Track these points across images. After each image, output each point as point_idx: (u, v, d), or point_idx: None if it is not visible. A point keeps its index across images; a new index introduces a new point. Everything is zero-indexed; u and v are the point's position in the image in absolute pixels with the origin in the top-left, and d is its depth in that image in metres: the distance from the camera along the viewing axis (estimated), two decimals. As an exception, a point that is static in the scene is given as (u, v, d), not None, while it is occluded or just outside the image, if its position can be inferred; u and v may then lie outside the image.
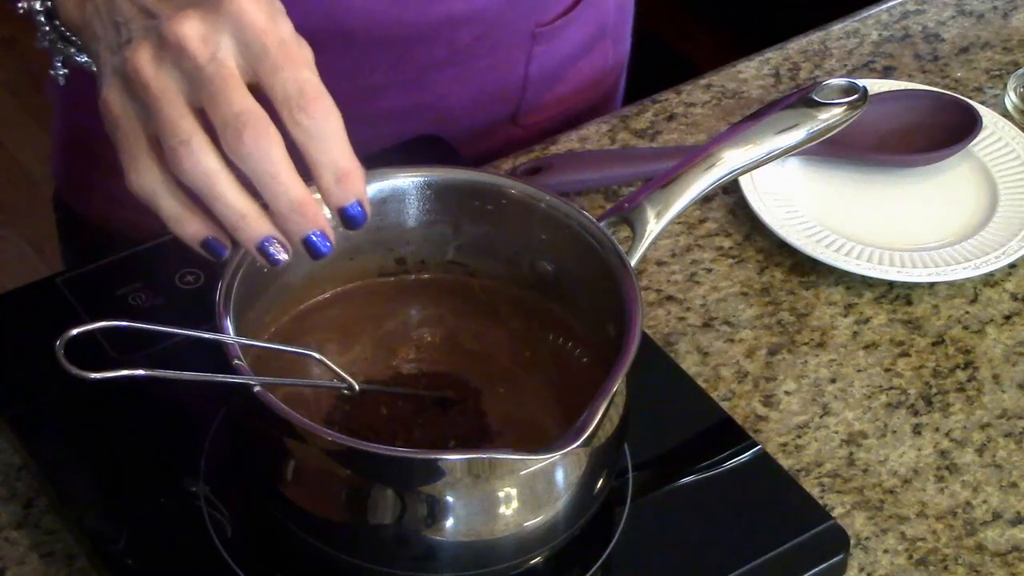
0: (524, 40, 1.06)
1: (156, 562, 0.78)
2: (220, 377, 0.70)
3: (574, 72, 1.12)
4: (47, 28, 0.77)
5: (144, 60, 0.66)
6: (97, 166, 1.08)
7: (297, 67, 0.65)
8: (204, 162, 0.65)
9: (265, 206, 0.66)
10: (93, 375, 0.64)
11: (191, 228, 0.68)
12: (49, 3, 0.76)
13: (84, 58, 0.80)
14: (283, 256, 0.67)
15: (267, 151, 0.64)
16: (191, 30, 0.65)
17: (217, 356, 0.70)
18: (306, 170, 0.66)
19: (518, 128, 1.11)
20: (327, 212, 0.67)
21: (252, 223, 0.66)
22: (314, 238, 0.66)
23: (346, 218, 0.67)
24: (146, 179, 0.67)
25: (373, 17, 0.98)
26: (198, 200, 0.67)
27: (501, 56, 1.06)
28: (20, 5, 0.77)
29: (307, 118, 0.65)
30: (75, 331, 0.66)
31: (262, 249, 0.67)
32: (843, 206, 1.02)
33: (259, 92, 0.66)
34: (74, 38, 0.77)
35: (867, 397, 0.91)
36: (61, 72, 0.80)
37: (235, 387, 0.70)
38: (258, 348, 0.74)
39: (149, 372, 0.66)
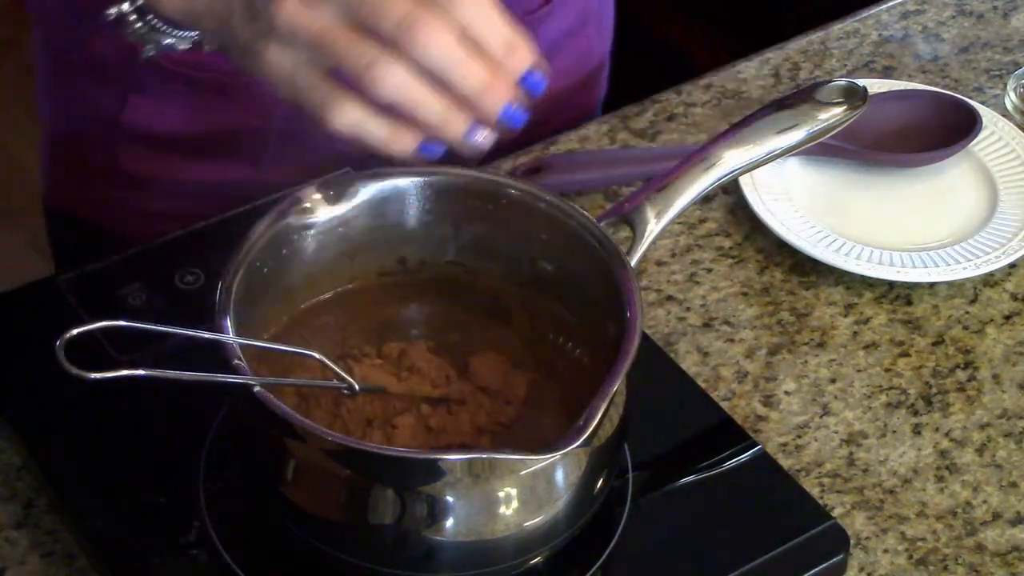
0: None
1: (156, 562, 0.78)
2: (220, 377, 0.70)
3: (557, 60, 1.11)
4: (138, 25, 0.77)
5: (293, 8, 0.67)
6: (84, 168, 1.07)
7: None
8: (397, 74, 0.67)
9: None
10: (93, 375, 0.64)
11: (405, 141, 0.70)
12: (140, 2, 0.76)
13: (172, 40, 0.79)
14: (488, 139, 0.71)
15: (446, 41, 0.67)
16: None
17: (217, 356, 0.70)
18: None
19: None
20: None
21: (455, 117, 0.69)
22: (511, 111, 0.70)
23: (528, 87, 0.70)
24: (349, 115, 0.68)
25: None
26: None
27: None
28: (109, 12, 0.77)
29: (485, 20, 0.68)
30: (75, 331, 0.66)
31: (470, 138, 0.70)
32: (843, 206, 1.02)
33: None
34: (165, 28, 0.77)
35: (867, 397, 0.91)
36: (151, 53, 0.80)
37: (235, 387, 0.70)
38: (258, 348, 0.74)
39: (149, 372, 0.66)
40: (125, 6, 0.77)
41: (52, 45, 1.06)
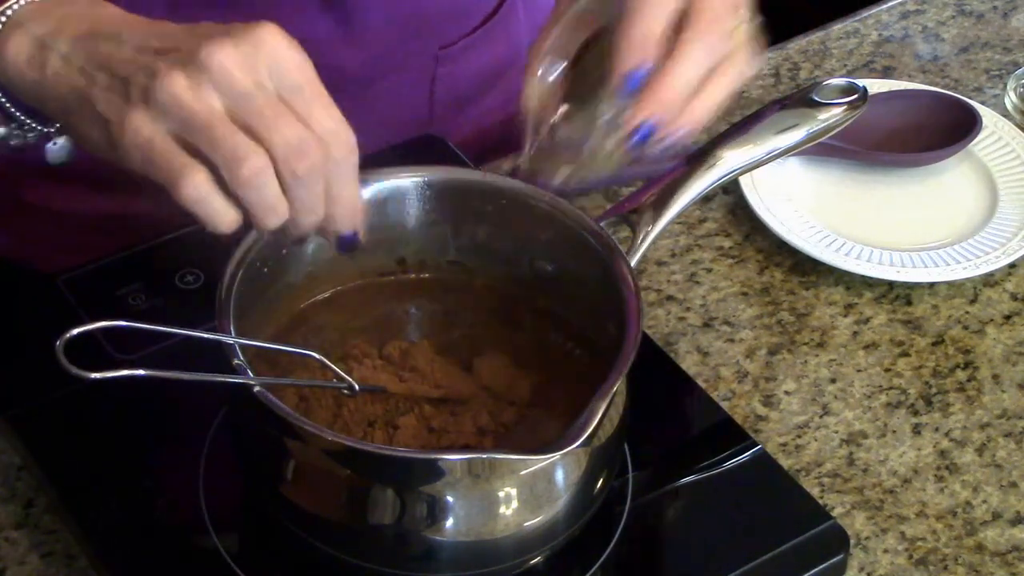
0: (427, 63, 1.05)
1: (156, 562, 0.78)
2: (220, 377, 0.70)
3: (488, 97, 1.11)
4: None
5: (181, 86, 0.66)
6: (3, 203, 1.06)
7: (327, 104, 0.68)
8: (267, 184, 0.67)
9: None
10: (93, 375, 0.64)
11: (226, 220, 0.69)
12: None
13: (19, 135, 0.76)
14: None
15: (330, 196, 0.69)
16: (229, 59, 0.66)
17: (217, 356, 0.70)
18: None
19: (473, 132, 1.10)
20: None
21: (303, 226, 0.70)
22: (349, 236, 0.72)
23: (341, 242, 0.72)
24: (199, 189, 0.67)
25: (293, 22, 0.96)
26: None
27: (403, 78, 1.05)
28: None
29: (337, 153, 0.68)
30: (75, 331, 0.66)
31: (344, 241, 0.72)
32: (843, 206, 1.02)
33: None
34: (10, 107, 0.75)
35: (867, 397, 0.91)
36: None
37: (235, 387, 0.70)
38: (258, 348, 0.74)
39: (149, 372, 0.66)
40: None
41: None
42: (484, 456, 0.71)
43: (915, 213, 1.03)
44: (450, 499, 0.70)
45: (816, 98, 0.83)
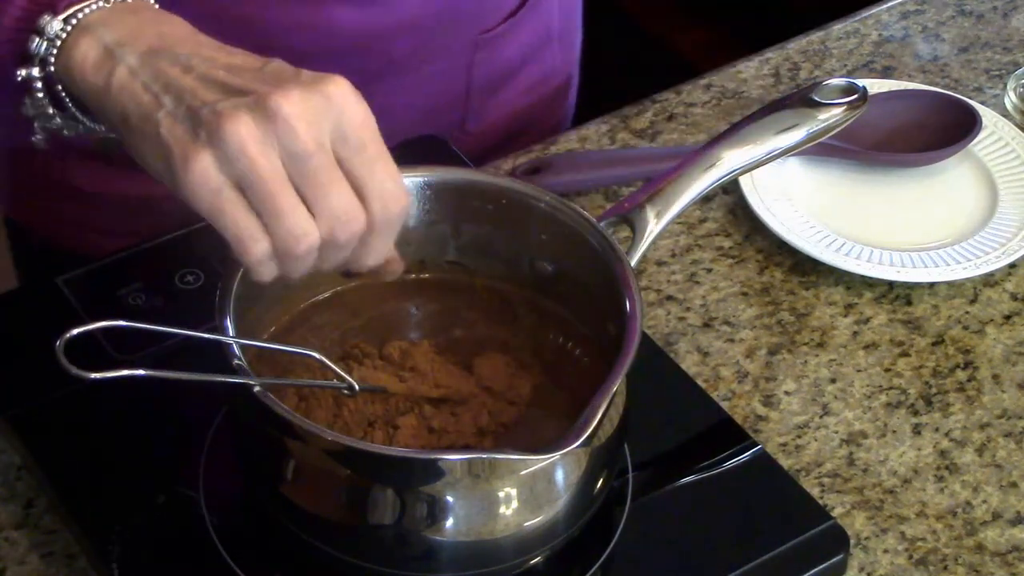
0: (465, 48, 1.05)
1: (156, 562, 0.78)
2: (220, 377, 0.70)
3: (520, 78, 1.11)
4: (40, 95, 0.75)
5: (249, 134, 0.65)
6: (41, 185, 1.07)
7: (387, 163, 0.68)
8: (310, 259, 0.68)
9: None
10: (93, 375, 0.64)
11: (269, 276, 0.70)
12: (51, 69, 0.73)
13: (60, 123, 0.77)
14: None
15: (366, 246, 0.69)
16: (297, 110, 0.66)
17: (217, 356, 0.70)
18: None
19: (468, 136, 1.10)
20: None
21: (324, 268, 0.71)
22: None
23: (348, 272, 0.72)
24: (260, 258, 0.68)
25: (300, 30, 0.96)
26: None
27: (442, 65, 1.05)
28: (19, 72, 0.74)
29: (388, 214, 0.69)
30: (75, 331, 0.66)
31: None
32: (843, 206, 1.02)
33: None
34: (70, 104, 0.75)
35: (867, 397, 0.91)
36: (42, 137, 0.78)
37: (235, 387, 0.70)
38: (258, 347, 0.74)
39: (149, 372, 0.66)
40: (35, 70, 0.74)
41: None
42: (484, 456, 0.71)
43: (915, 213, 1.03)
44: (450, 499, 0.70)
45: (816, 98, 0.83)
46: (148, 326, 0.68)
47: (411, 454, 0.72)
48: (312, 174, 0.66)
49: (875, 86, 1.07)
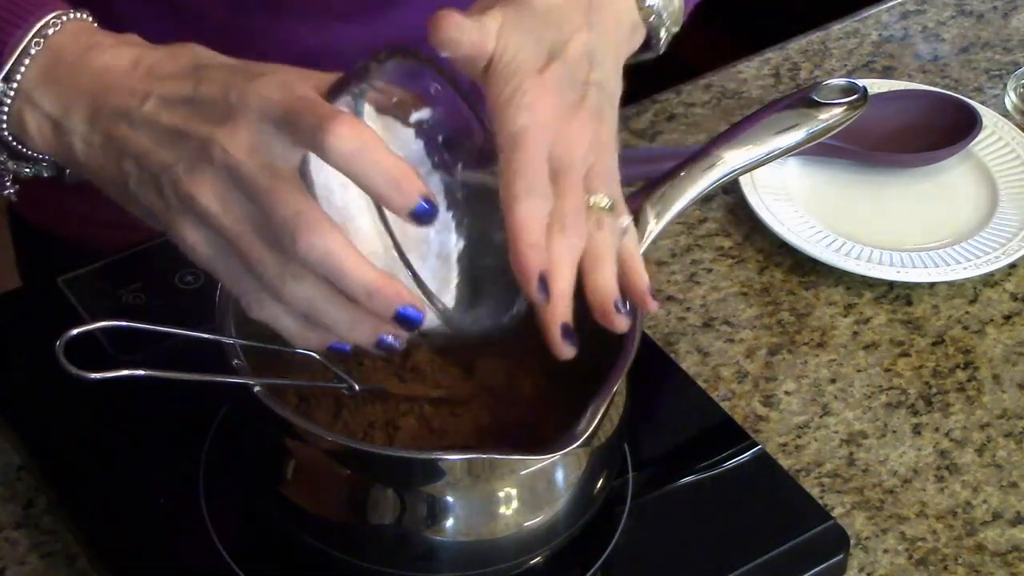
0: None
1: (156, 562, 0.78)
2: (220, 377, 0.69)
3: None
4: (2, 157, 0.73)
5: (206, 194, 0.64)
6: (46, 179, 1.06)
7: (312, 105, 0.64)
8: (299, 291, 0.65)
9: None
10: (93, 375, 0.64)
11: (313, 341, 0.68)
12: (5, 131, 0.71)
13: (29, 170, 0.75)
14: (398, 342, 0.67)
15: (324, 247, 0.63)
16: (236, 145, 0.64)
17: (217, 356, 0.70)
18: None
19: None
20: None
21: (361, 327, 0.66)
22: (403, 312, 0.65)
23: (417, 218, 0.64)
24: (265, 310, 0.67)
25: (303, 45, 0.96)
26: None
27: (446, 73, 1.04)
28: None
29: (337, 141, 0.62)
30: (75, 331, 0.66)
31: (381, 345, 0.67)
32: (843, 206, 1.02)
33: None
34: (31, 154, 0.73)
35: (867, 397, 0.91)
36: (12, 190, 0.75)
37: (235, 387, 0.70)
38: (259, 348, 0.74)
39: (149, 372, 0.66)
40: None
41: None
42: (484, 456, 0.71)
43: (915, 213, 1.03)
44: (450, 499, 0.70)
45: (816, 98, 0.83)
46: (148, 326, 0.68)
47: (411, 454, 0.72)
48: (260, 199, 0.64)
49: (875, 86, 1.07)
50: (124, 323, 0.68)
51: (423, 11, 0.99)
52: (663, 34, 0.80)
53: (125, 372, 0.65)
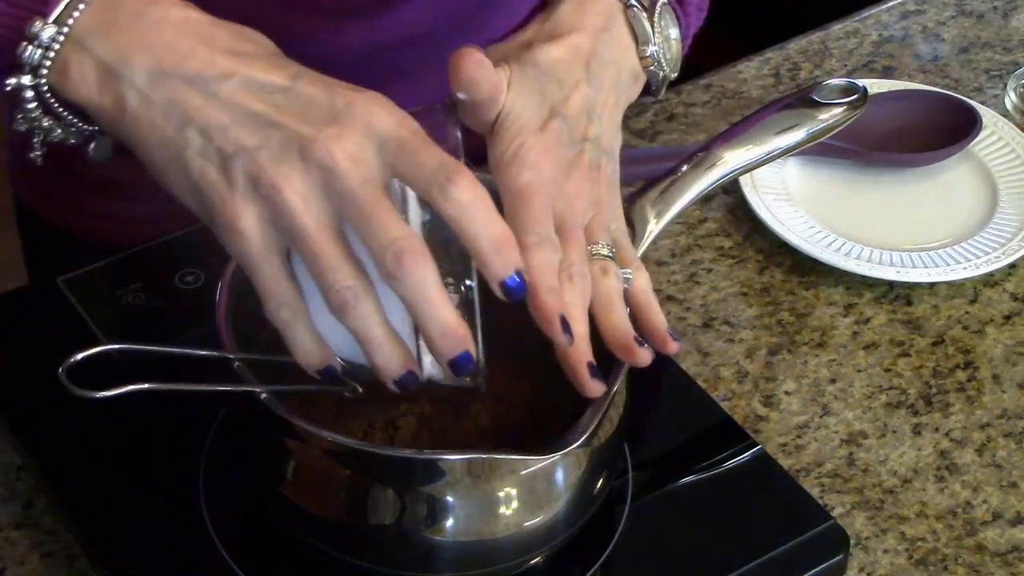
0: None
1: (156, 562, 0.77)
2: (225, 387, 0.69)
3: None
4: (33, 105, 0.69)
5: (297, 192, 0.63)
6: (53, 171, 1.06)
7: (430, 147, 0.65)
8: (364, 309, 0.65)
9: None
10: (98, 394, 0.64)
11: (315, 358, 0.68)
12: (43, 80, 0.68)
13: (60, 133, 0.71)
14: (416, 383, 0.67)
15: (423, 276, 0.63)
16: (341, 150, 0.63)
17: (219, 360, 0.70)
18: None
19: (473, 138, 1.09)
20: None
21: (395, 359, 0.66)
22: (461, 359, 0.66)
23: (506, 290, 0.66)
24: (286, 314, 0.66)
25: (306, 42, 0.95)
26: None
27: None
28: (8, 83, 0.68)
29: (457, 191, 0.64)
30: (79, 356, 0.66)
31: (401, 383, 0.67)
32: (843, 206, 1.02)
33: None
34: (65, 113, 0.70)
35: (867, 397, 0.91)
36: (40, 152, 0.72)
37: (239, 393, 0.70)
38: (260, 353, 0.74)
39: (153, 386, 0.66)
40: (26, 79, 0.68)
41: None
42: (484, 456, 0.71)
43: (915, 213, 1.03)
44: (450, 499, 0.70)
45: (816, 98, 0.83)
46: (149, 347, 0.68)
47: (411, 454, 0.72)
48: (360, 210, 0.64)
49: (875, 86, 1.07)
50: (126, 346, 0.68)
51: (427, 8, 0.99)
52: (662, 80, 0.81)
53: (130, 388, 0.65)
